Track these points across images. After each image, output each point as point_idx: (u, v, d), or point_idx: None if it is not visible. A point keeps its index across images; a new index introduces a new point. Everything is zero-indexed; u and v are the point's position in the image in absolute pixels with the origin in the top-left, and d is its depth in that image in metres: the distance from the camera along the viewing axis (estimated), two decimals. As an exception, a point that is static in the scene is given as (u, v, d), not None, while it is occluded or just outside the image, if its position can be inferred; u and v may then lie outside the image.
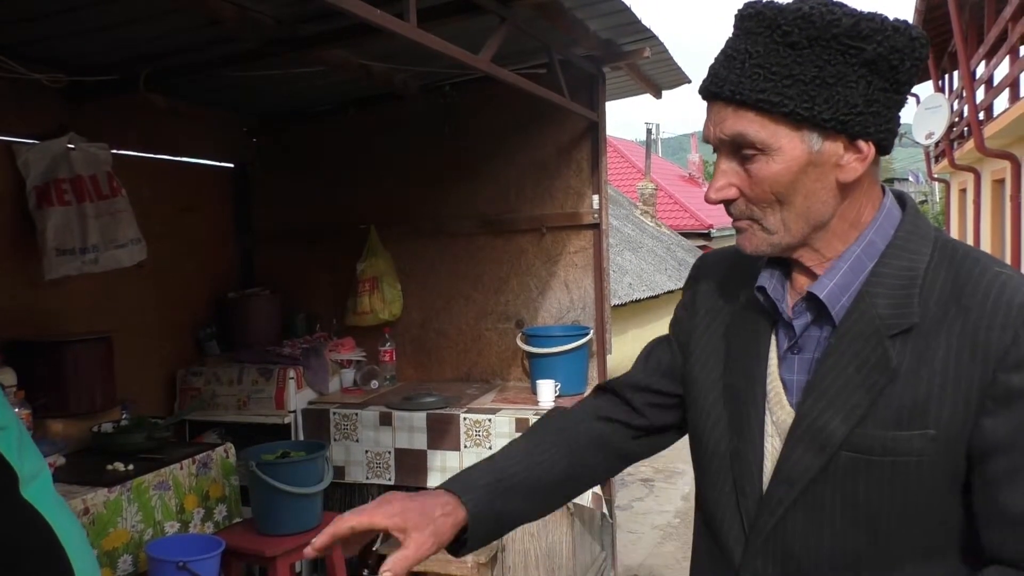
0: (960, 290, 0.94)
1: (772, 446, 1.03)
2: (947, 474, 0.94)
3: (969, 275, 0.95)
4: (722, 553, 1.08)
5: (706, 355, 1.14)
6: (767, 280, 1.07)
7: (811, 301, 1.02)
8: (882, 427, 0.94)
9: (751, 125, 0.96)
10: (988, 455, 0.92)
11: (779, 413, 1.03)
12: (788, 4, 0.94)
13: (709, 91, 0.99)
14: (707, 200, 1.04)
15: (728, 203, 1.02)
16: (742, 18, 0.98)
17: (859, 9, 0.94)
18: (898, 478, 0.94)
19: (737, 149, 0.98)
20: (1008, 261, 8.61)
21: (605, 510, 3.38)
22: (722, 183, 1.01)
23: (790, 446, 1.00)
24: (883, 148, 0.99)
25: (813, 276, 1.03)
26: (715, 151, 1.03)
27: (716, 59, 1.00)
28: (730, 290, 1.14)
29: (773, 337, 1.06)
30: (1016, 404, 0.90)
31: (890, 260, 0.99)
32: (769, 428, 1.04)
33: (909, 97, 1.06)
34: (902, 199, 1.06)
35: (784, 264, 1.07)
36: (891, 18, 0.94)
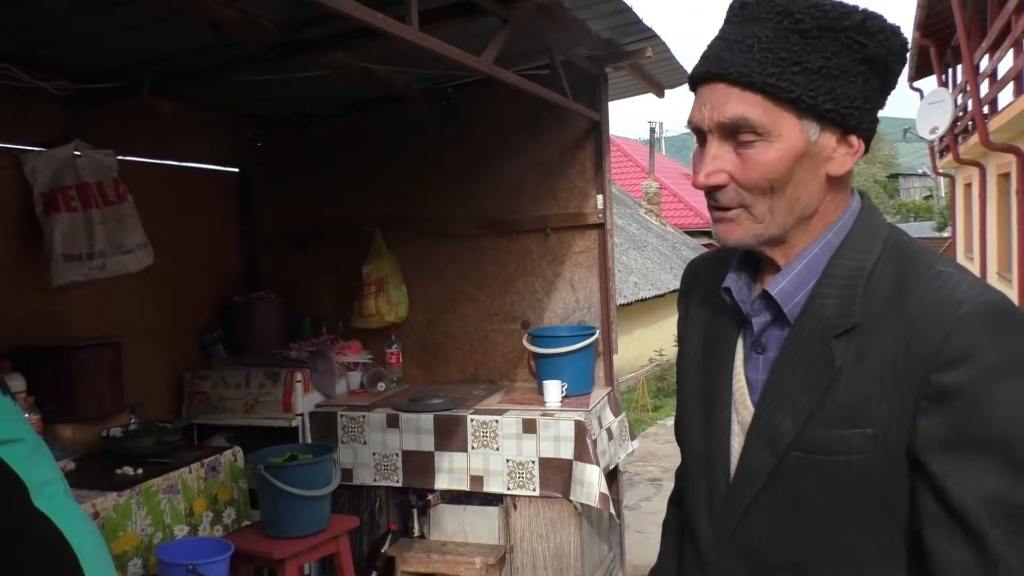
0: (902, 289, 0.94)
1: (737, 444, 1.05)
2: (887, 474, 0.93)
3: (912, 274, 0.95)
4: (696, 551, 1.10)
5: (689, 359, 1.17)
6: (733, 281, 1.08)
7: (768, 300, 1.02)
8: (827, 426, 0.95)
9: (755, 108, 0.94)
10: (927, 456, 0.90)
11: (743, 413, 1.04)
12: None
13: (710, 73, 0.97)
14: (696, 185, 1.01)
15: (716, 189, 0.99)
16: (745, 5, 0.97)
17: (864, 7, 0.95)
18: (840, 477, 0.94)
19: (733, 134, 0.97)
20: (1015, 255, 8.58)
21: (613, 510, 3.38)
22: (713, 168, 0.98)
23: (748, 444, 1.02)
24: (866, 147, 1.00)
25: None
26: (699, 137, 1.01)
27: (712, 45, 0.99)
28: (713, 292, 1.15)
29: (741, 337, 1.08)
30: (949, 402, 0.89)
31: (840, 260, 0.99)
32: (735, 427, 1.05)
33: (913, 91, 1.07)
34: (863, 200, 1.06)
35: (754, 264, 1.08)
36: (888, 20, 0.96)
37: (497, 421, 3.40)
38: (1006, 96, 8.79)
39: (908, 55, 0.99)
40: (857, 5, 0.95)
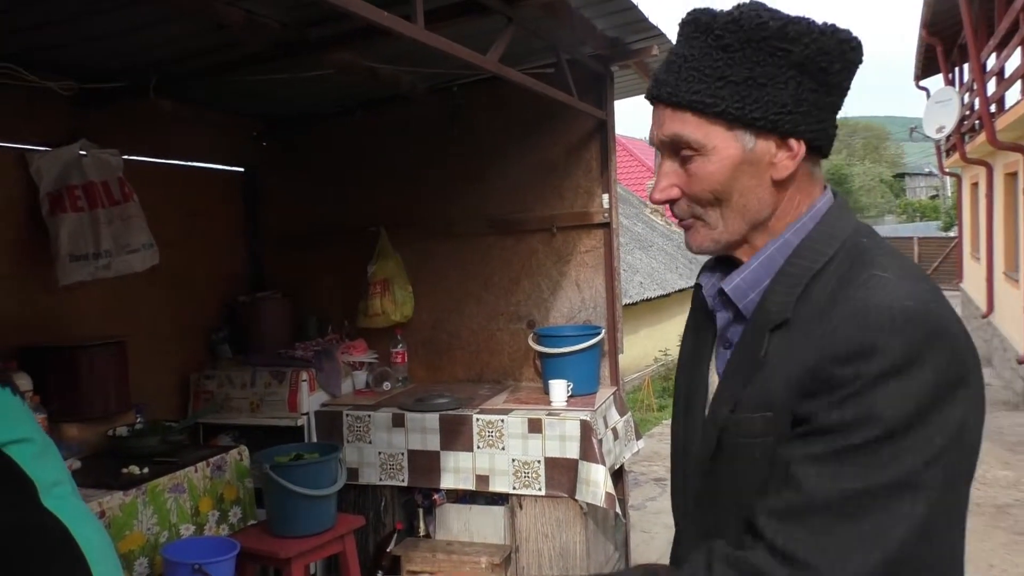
0: (840, 289, 0.95)
1: None
2: None
3: (853, 274, 0.96)
4: (676, 530, 1.18)
5: (681, 355, 1.23)
6: (706, 278, 1.13)
7: (725, 296, 1.07)
8: (744, 411, 0.99)
9: (687, 126, 1.00)
10: (792, 427, 0.94)
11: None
12: (722, 10, 0.99)
13: (651, 94, 1.04)
14: (652, 201, 1.09)
15: (672, 203, 1.06)
16: (683, 25, 1.02)
17: (788, 13, 0.97)
18: (752, 460, 0.98)
19: (677, 150, 1.02)
20: (1022, 255, 8.54)
21: (618, 510, 3.37)
22: (665, 184, 1.05)
23: (703, 430, 1.08)
24: (818, 148, 1.02)
25: None
26: (659, 153, 1.07)
27: (659, 67, 1.05)
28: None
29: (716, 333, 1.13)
30: (835, 390, 0.90)
31: (796, 260, 1.02)
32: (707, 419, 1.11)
33: (920, 90, 1.06)
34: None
35: (729, 263, 1.11)
36: (819, 22, 0.98)
37: (503, 421, 3.39)
38: (1013, 95, 8.76)
39: (854, 53, 0.99)
40: (778, 14, 0.96)
